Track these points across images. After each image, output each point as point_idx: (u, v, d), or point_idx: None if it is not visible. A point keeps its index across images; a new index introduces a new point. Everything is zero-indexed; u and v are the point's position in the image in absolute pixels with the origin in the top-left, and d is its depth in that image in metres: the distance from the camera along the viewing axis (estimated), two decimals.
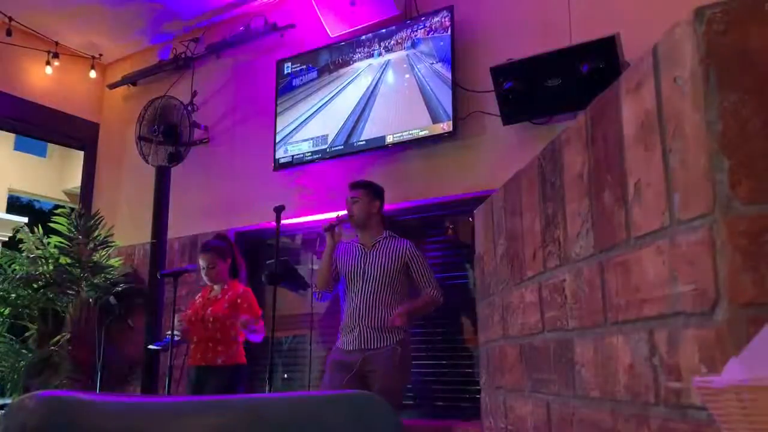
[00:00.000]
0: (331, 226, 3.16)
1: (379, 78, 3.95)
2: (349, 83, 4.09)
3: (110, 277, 4.73)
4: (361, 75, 4.04)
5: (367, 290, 3.07)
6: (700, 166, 0.80)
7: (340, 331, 3.12)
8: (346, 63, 4.11)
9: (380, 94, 3.93)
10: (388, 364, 2.93)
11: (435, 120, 3.63)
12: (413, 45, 3.83)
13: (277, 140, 4.33)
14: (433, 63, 3.70)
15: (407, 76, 3.82)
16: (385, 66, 3.93)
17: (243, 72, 4.79)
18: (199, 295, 3.54)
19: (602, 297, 1.11)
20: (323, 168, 4.16)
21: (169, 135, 4.54)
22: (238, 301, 3.30)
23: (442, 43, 3.69)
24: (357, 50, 4.08)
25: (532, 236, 1.47)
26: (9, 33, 4.86)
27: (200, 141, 4.78)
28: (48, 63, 5.18)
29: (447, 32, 3.67)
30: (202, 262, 3.41)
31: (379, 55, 3.97)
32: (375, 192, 3.22)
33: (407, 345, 3.05)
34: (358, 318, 3.04)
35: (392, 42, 3.93)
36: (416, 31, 3.83)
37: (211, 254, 3.39)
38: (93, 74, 5.48)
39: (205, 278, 3.41)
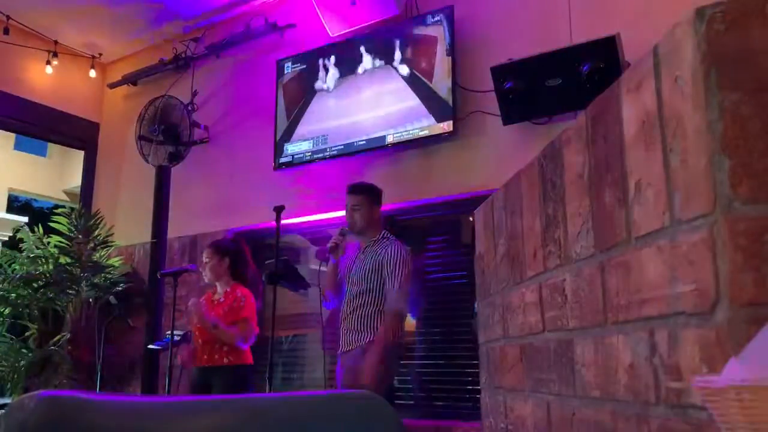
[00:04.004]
0: (335, 246, 3.16)
1: (380, 77, 3.94)
2: (349, 83, 4.09)
3: (110, 276, 4.73)
4: (361, 74, 4.04)
5: (351, 293, 3.08)
6: (701, 166, 0.80)
7: None
8: (347, 62, 4.11)
9: (381, 93, 3.92)
10: (352, 364, 2.94)
11: (438, 117, 3.63)
12: (415, 43, 3.82)
13: (277, 140, 4.33)
14: (435, 60, 3.70)
15: (409, 73, 3.81)
16: (386, 65, 3.93)
17: (243, 72, 4.79)
18: (204, 297, 3.53)
19: (602, 297, 1.11)
20: (323, 168, 4.16)
21: (169, 135, 4.54)
22: (234, 304, 3.30)
23: (444, 41, 3.68)
24: (358, 49, 4.08)
25: (532, 236, 1.47)
26: (6, 32, 4.85)
27: (200, 141, 4.78)
28: (48, 62, 5.17)
29: (448, 31, 3.67)
30: (203, 257, 3.44)
31: (380, 53, 3.96)
32: (375, 196, 3.21)
33: (386, 351, 2.92)
34: (344, 321, 3.09)
35: (393, 41, 3.93)
36: (417, 29, 3.83)
37: (210, 249, 3.41)
38: (93, 74, 5.47)
39: (203, 272, 3.43)
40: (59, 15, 4.96)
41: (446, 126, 3.59)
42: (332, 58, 4.19)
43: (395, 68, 3.88)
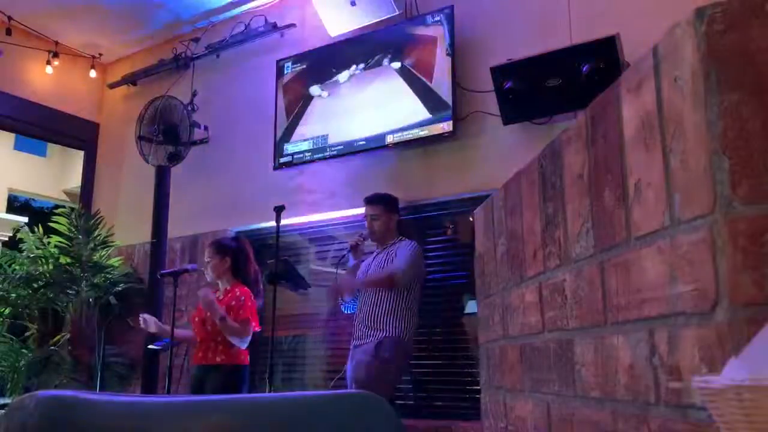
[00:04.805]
0: (355, 246, 3.29)
1: (380, 77, 3.94)
2: (349, 83, 4.09)
3: (110, 277, 4.73)
4: (361, 74, 4.04)
5: (367, 291, 3.16)
6: (701, 166, 0.80)
7: None
8: (347, 62, 4.10)
9: (381, 93, 3.92)
10: (362, 358, 3.02)
11: (437, 117, 3.62)
12: (415, 43, 3.82)
13: (277, 140, 4.33)
14: (435, 60, 3.70)
15: (408, 74, 3.81)
16: (386, 65, 3.92)
17: (243, 72, 4.79)
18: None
19: (602, 297, 1.11)
20: (323, 168, 4.16)
21: (169, 135, 4.54)
22: (233, 303, 3.28)
23: (444, 41, 3.68)
24: (357, 49, 4.08)
25: (532, 236, 1.47)
26: (9, 32, 4.86)
27: (200, 141, 4.78)
28: (48, 63, 5.18)
29: (447, 31, 3.67)
30: (204, 255, 3.45)
31: (380, 54, 3.96)
32: (393, 206, 3.30)
33: (393, 348, 3.00)
34: (357, 317, 3.18)
35: (393, 41, 3.93)
36: (417, 29, 3.83)
37: (211, 249, 3.41)
38: (93, 74, 5.48)
39: (205, 271, 3.44)
40: (60, 15, 4.96)
41: (446, 126, 3.59)
42: (332, 58, 4.19)
43: (395, 68, 3.88)
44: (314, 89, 4.23)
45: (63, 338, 4.58)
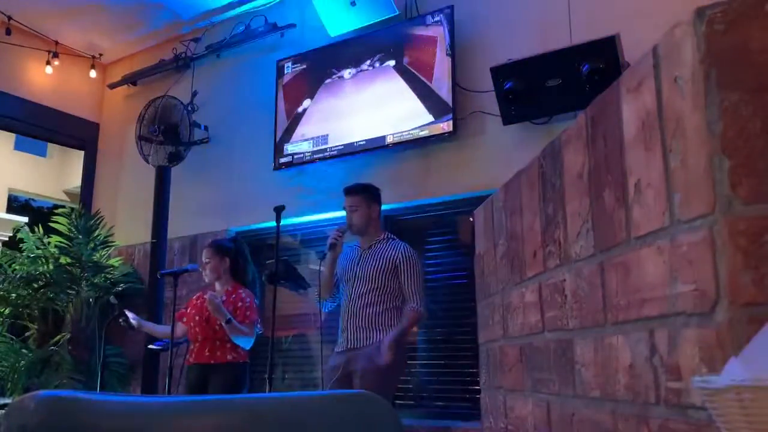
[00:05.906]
0: (333, 245, 3.11)
1: (380, 77, 3.94)
2: (349, 83, 4.09)
3: (110, 277, 4.73)
4: (361, 74, 4.04)
5: (358, 292, 3.05)
6: (701, 166, 0.80)
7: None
8: (347, 63, 4.11)
9: (381, 93, 3.92)
10: (368, 363, 2.88)
11: (438, 117, 3.63)
12: (415, 43, 3.82)
13: (277, 140, 4.33)
14: (435, 60, 3.70)
15: (408, 74, 3.81)
16: (386, 65, 3.93)
17: (243, 72, 4.79)
18: (198, 294, 3.53)
19: (602, 297, 1.11)
20: (323, 168, 4.16)
21: (169, 135, 4.54)
22: (239, 304, 3.29)
23: (444, 41, 3.69)
24: (358, 50, 4.08)
25: (532, 236, 1.47)
26: (8, 32, 4.86)
27: (200, 141, 4.78)
28: (48, 63, 5.18)
29: (447, 31, 3.67)
30: (202, 256, 3.45)
31: (380, 54, 3.96)
32: (372, 196, 3.18)
33: (395, 349, 2.90)
34: (349, 319, 3.04)
35: (393, 41, 3.93)
36: (417, 29, 3.83)
37: (210, 249, 3.42)
38: (93, 74, 5.48)
39: (203, 272, 3.43)
40: (60, 15, 4.96)
41: (446, 126, 3.59)
42: (332, 58, 4.19)
43: (395, 68, 3.88)
44: (306, 103, 4.24)
45: (63, 338, 4.57)
